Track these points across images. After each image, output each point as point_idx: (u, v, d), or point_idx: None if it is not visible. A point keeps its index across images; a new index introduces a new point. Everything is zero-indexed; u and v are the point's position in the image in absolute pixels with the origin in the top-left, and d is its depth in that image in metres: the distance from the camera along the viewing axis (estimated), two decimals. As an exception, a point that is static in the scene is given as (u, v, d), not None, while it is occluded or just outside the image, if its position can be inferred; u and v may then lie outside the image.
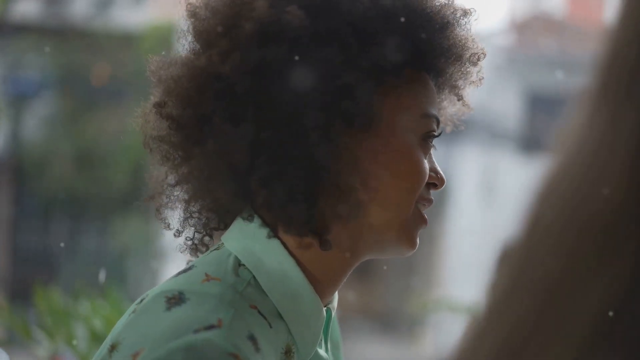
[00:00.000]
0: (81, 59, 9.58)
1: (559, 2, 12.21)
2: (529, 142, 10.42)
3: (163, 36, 9.71)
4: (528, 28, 10.41)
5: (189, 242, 0.93)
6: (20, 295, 5.45)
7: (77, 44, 9.66)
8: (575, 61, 10.33)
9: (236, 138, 0.82)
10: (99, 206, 9.52)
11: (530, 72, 9.88)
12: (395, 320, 9.92)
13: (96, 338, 2.40)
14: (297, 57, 0.82)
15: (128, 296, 3.03)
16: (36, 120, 9.88)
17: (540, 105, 10.22)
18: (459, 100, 0.97)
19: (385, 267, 9.91)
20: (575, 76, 10.32)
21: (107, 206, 9.47)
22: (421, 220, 0.89)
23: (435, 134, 0.89)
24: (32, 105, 9.99)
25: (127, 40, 9.63)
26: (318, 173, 0.82)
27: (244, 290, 0.81)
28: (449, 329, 9.15)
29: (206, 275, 0.82)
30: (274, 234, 0.85)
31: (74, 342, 2.32)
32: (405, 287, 9.79)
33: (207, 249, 0.92)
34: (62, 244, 9.51)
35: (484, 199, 10.16)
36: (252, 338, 0.77)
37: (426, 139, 0.88)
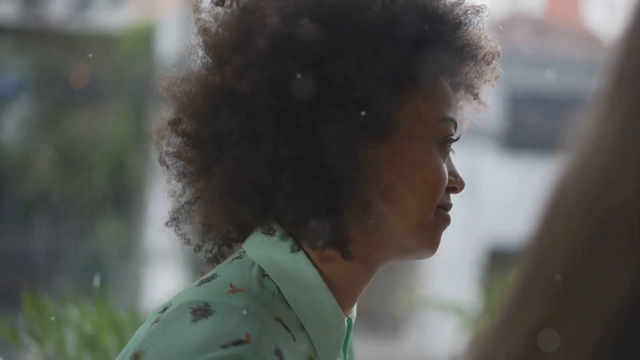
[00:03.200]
0: (60, 60, 9.52)
1: (538, 1, 12.28)
2: (510, 140, 10.48)
3: (142, 37, 9.67)
4: (507, 27, 10.45)
5: (210, 255, 0.92)
6: (2, 299, 5.39)
7: (56, 46, 9.60)
8: (554, 59, 10.40)
9: (256, 156, 0.81)
10: (80, 208, 9.46)
11: (509, 70, 9.91)
12: (380, 318, 9.94)
13: (86, 343, 2.39)
14: (312, 71, 0.80)
15: (110, 299, 3.00)
16: (15, 122, 9.80)
17: (521, 103, 10.27)
18: (474, 99, 0.96)
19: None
20: (554, 74, 10.39)
21: (88, 208, 9.41)
22: (444, 222, 0.88)
23: (454, 137, 0.88)
24: (10, 107, 9.90)
25: (105, 42, 9.57)
26: (340, 186, 0.81)
27: (269, 302, 0.81)
28: (434, 327, 9.18)
29: (231, 285, 0.81)
30: (298, 245, 0.84)
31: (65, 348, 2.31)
32: (389, 285, 9.81)
33: (225, 258, 0.91)
34: (43, 249, 9.43)
35: (466, 196, 10.18)
36: (278, 352, 0.76)
37: (444, 143, 0.87)
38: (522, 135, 10.54)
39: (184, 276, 8.00)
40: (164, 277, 8.33)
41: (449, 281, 9.24)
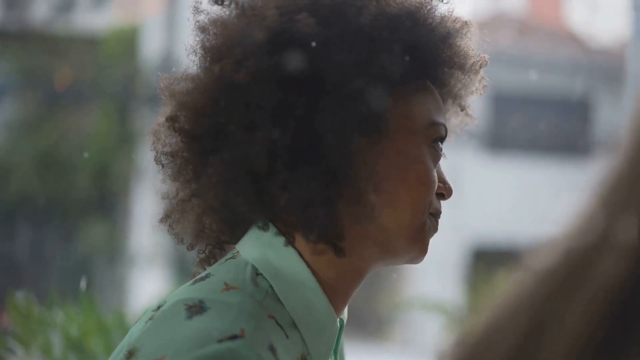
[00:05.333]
0: (43, 62, 9.47)
1: (520, 2, 12.34)
2: (493, 140, 10.53)
3: (125, 39, 9.63)
4: (489, 27, 10.49)
5: (202, 255, 0.93)
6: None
7: (39, 48, 9.54)
8: (536, 60, 10.45)
9: (252, 144, 0.83)
10: (63, 211, 9.41)
11: (492, 70, 9.94)
12: (365, 318, 9.95)
13: (72, 346, 2.38)
14: (309, 64, 0.84)
15: (96, 302, 3.00)
16: (-2, 125, 9.74)
17: (503, 104, 10.32)
18: (462, 110, 0.99)
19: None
20: (536, 74, 10.44)
21: (72, 211, 9.36)
22: (433, 229, 0.90)
23: (444, 141, 0.91)
24: (-7, 110, 9.84)
25: (89, 44, 9.53)
26: (334, 177, 0.83)
27: (263, 300, 0.82)
28: (419, 327, 9.20)
29: (225, 284, 0.82)
30: (290, 242, 0.86)
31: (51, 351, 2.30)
32: (374, 285, 9.83)
33: (216, 260, 0.92)
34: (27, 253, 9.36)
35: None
36: (272, 348, 0.78)
37: (434, 146, 0.89)
38: (505, 135, 10.60)
39: (170, 279, 7.98)
40: (150, 279, 8.31)
41: (433, 281, 9.26)
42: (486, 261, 8.26)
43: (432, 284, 9.18)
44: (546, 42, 10.62)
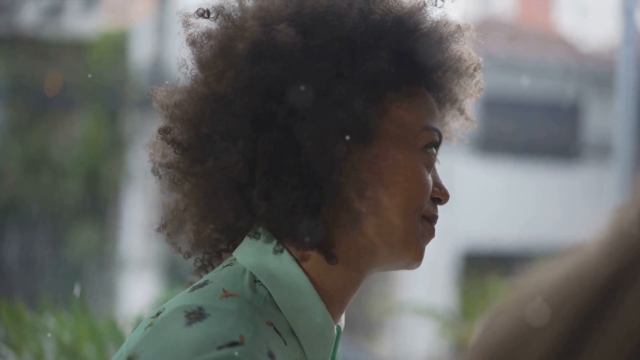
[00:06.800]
0: (31, 67, 9.44)
1: (510, 6, 12.38)
2: (484, 144, 10.54)
3: (115, 44, 9.62)
4: (479, 31, 10.53)
5: (199, 264, 0.94)
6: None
7: (28, 53, 9.52)
8: (526, 64, 10.48)
9: (233, 153, 0.84)
10: (53, 216, 9.37)
11: (482, 75, 9.99)
12: (356, 322, 9.95)
13: (64, 352, 2.37)
14: (289, 73, 0.84)
15: (88, 307, 2.98)
16: (-13, 130, 9.70)
17: (493, 108, 10.35)
18: (461, 114, 0.99)
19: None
20: (527, 79, 10.48)
21: (62, 216, 9.33)
22: (428, 234, 0.90)
23: (437, 146, 0.91)
24: (-18, 115, 9.80)
25: (78, 48, 9.51)
26: (317, 184, 0.84)
27: (261, 307, 0.82)
28: (410, 331, 9.20)
29: (224, 291, 0.82)
30: (287, 251, 0.86)
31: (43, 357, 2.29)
32: (365, 289, 9.84)
33: (213, 267, 0.93)
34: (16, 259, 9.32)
35: (440, 201, 10.20)
36: (271, 355, 0.78)
37: (427, 152, 0.90)
38: (495, 139, 10.62)
39: (161, 284, 7.96)
40: (141, 284, 8.28)
41: (424, 285, 9.27)
42: (477, 265, 8.28)
43: (423, 288, 9.19)
44: (536, 47, 10.66)
